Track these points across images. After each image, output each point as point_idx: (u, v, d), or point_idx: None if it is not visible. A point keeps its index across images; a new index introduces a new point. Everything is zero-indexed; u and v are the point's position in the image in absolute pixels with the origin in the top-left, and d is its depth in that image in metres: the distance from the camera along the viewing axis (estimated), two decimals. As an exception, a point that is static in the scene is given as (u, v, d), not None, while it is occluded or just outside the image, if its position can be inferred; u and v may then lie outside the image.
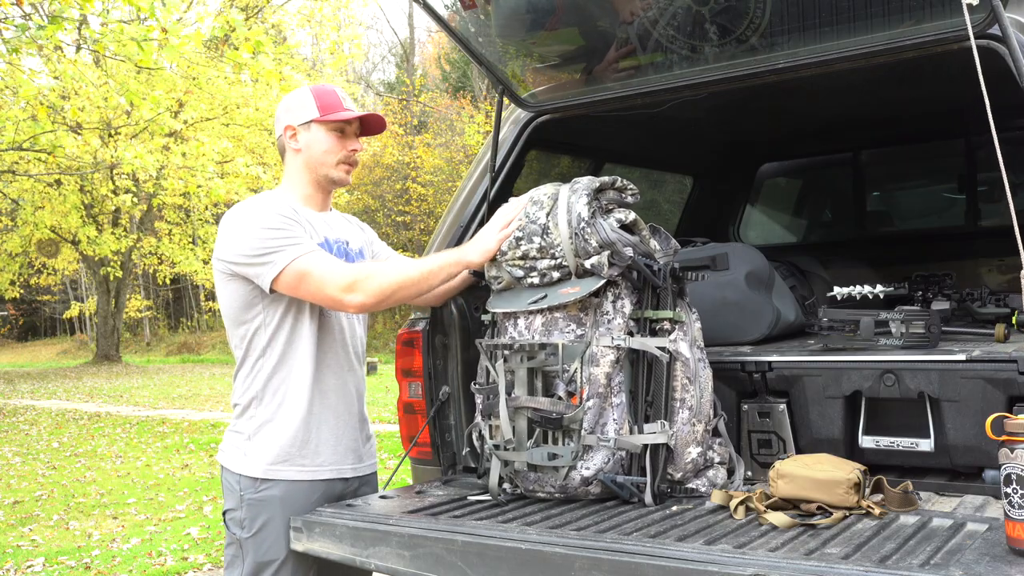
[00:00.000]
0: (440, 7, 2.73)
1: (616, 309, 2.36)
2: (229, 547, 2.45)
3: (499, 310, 2.47)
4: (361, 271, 2.36)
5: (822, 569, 1.69)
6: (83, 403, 15.89)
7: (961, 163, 4.23)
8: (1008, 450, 1.74)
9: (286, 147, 2.52)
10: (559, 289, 2.36)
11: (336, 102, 2.49)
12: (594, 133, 3.62)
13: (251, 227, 2.34)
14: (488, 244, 2.44)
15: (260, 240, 2.32)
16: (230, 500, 2.44)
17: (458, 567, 2.04)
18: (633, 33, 2.71)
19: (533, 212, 2.42)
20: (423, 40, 35.44)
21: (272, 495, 2.39)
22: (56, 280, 31.56)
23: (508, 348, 2.39)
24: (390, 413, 11.38)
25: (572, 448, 2.29)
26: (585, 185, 2.38)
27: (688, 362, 2.36)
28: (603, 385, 2.31)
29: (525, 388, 2.35)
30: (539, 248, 2.37)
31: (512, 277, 2.44)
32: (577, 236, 2.31)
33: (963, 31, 2.19)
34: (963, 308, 3.14)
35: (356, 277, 2.32)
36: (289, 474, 2.40)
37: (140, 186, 18.54)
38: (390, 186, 27.75)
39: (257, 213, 2.37)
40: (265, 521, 2.38)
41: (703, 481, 2.39)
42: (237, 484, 2.41)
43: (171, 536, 6.16)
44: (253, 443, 2.41)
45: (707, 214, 4.62)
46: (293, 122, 2.49)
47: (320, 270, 2.31)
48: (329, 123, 2.47)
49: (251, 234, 2.33)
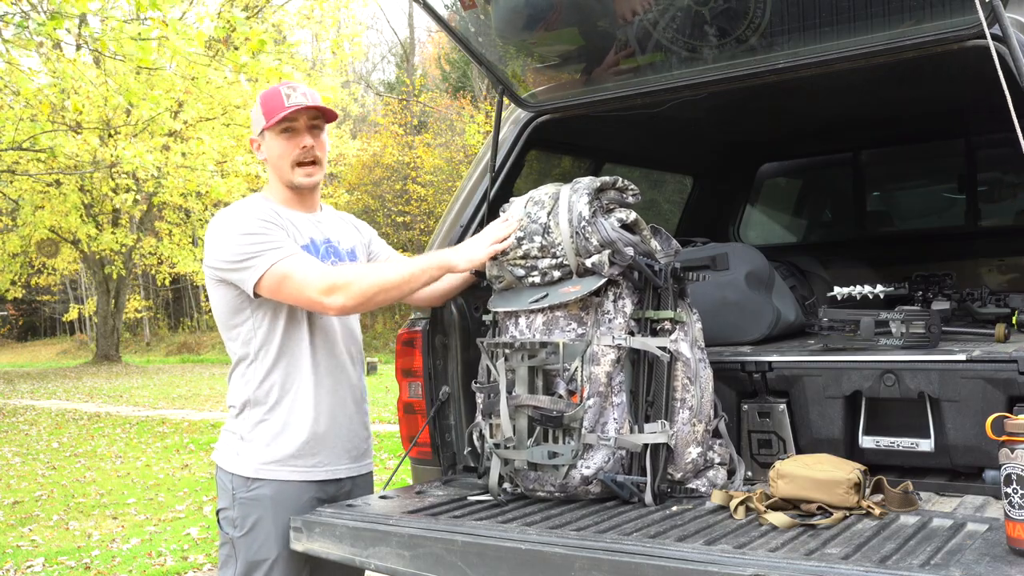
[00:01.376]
0: (440, 7, 2.73)
1: (617, 308, 2.36)
2: (223, 547, 2.46)
3: (500, 309, 2.47)
4: (341, 274, 2.35)
5: (822, 569, 1.69)
6: (83, 403, 15.89)
7: (961, 163, 4.23)
8: (1008, 450, 1.74)
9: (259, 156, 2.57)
10: (560, 288, 2.36)
11: (278, 103, 2.42)
12: (594, 133, 3.62)
13: (232, 233, 2.36)
14: (476, 253, 2.44)
15: (240, 246, 2.33)
16: (223, 499, 2.45)
17: (458, 567, 2.04)
18: (633, 33, 2.71)
19: (534, 211, 2.42)
20: (423, 40, 35.46)
21: (263, 494, 2.39)
22: (56, 280, 31.56)
23: (509, 347, 2.39)
24: (390, 413, 11.38)
25: (572, 447, 2.29)
26: (586, 185, 2.38)
27: (689, 362, 2.36)
28: (604, 384, 2.31)
29: (526, 386, 2.35)
30: (540, 247, 2.38)
31: (513, 276, 2.44)
32: (578, 235, 2.32)
33: (963, 31, 2.19)
34: (963, 308, 3.14)
35: (336, 280, 2.32)
36: (281, 474, 2.41)
37: (140, 185, 18.53)
38: (390, 186, 27.74)
39: (238, 219, 2.38)
40: (256, 520, 2.39)
41: (703, 481, 2.39)
42: (230, 483, 2.42)
43: (171, 536, 6.16)
44: (246, 443, 2.43)
45: (707, 214, 4.62)
46: (255, 134, 2.53)
47: (300, 273, 2.31)
48: (275, 127, 2.44)
49: (232, 240, 2.35)
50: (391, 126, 28.58)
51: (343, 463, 2.52)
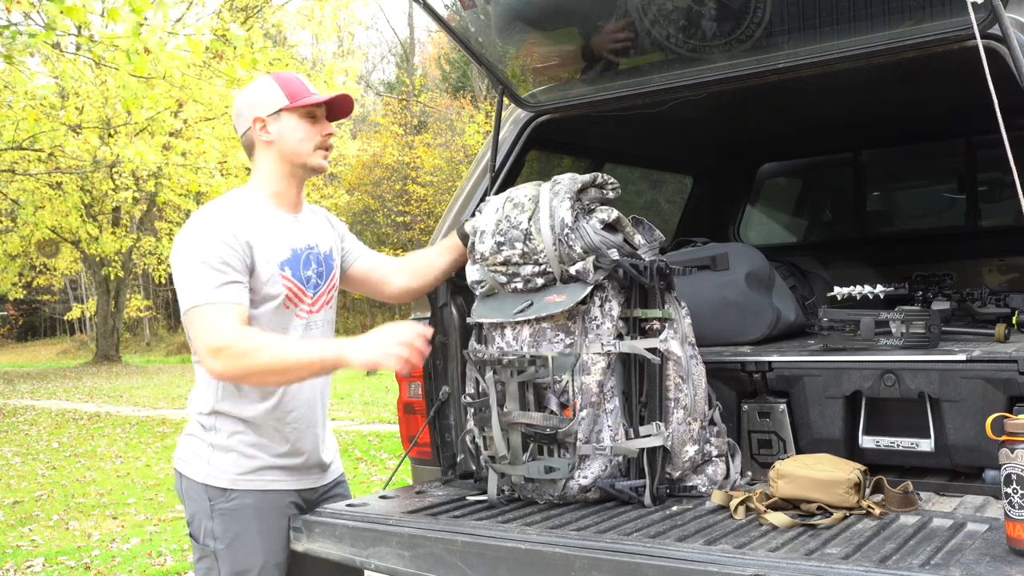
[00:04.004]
0: (440, 7, 2.73)
1: (604, 312, 2.31)
2: (202, 560, 2.34)
3: (485, 320, 2.41)
4: (239, 340, 2.17)
5: (822, 569, 1.69)
6: (83, 403, 15.89)
7: (961, 163, 4.23)
8: (1008, 450, 1.74)
9: (255, 141, 2.39)
10: (545, 297, 2.30)
11: (303, 88, 2.39)
12: (594, 133, 3.61)
13: (191, 254, 2.24)
14: (372, 355, 2.19)
15: (191, 270, 2.22)
16: (197, 511, 2.34)
17: (458, 567, 2.04)
18: (633, 33, 2.71)
19: (514, 215, 2.35)
20: (423, 40, 35.48)
21: (245, 504, 2.32)
22: (57, 280, 31.56)
23: (498, 363, 2.34)
24: (390, 413, 11.37)
25: (568, 460, 2.26)
26: (567, 187, 2.32)
27: (680, 360, 2.32)
28: (596, 394, 2.27)
29: (517, 402, 2.31)
30: (521, 254, 2.32)
31: (495, 282, 2.40)
32: (561, 243, 2.26)
33: (963, 31, 2.19)
34: (963, 308, 3.13)
35: (229, 344, 2.15)
36: (260, 484, 2.33)
37: (140, 184, 18.53)
38: (390, 186, 27.76)
39: (200, 239, 2.24)
40: (239, 531, 2.31)
41: (703, 479, 2.38)
42: (204, 494, 2.32)
43: (171, 536, 6.16)
44: (219, 453, 2.33)
45: (707, 214, 4.62)
46: (261, 113, 2.36)
47: (205, 324, 2.18)
48: (300, 109, 2.36)
49: (188, 260, 2.24)
50: (391, 126, 28.61)
51: (316, 465, 2.46)
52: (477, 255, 2.44)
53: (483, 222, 2.43)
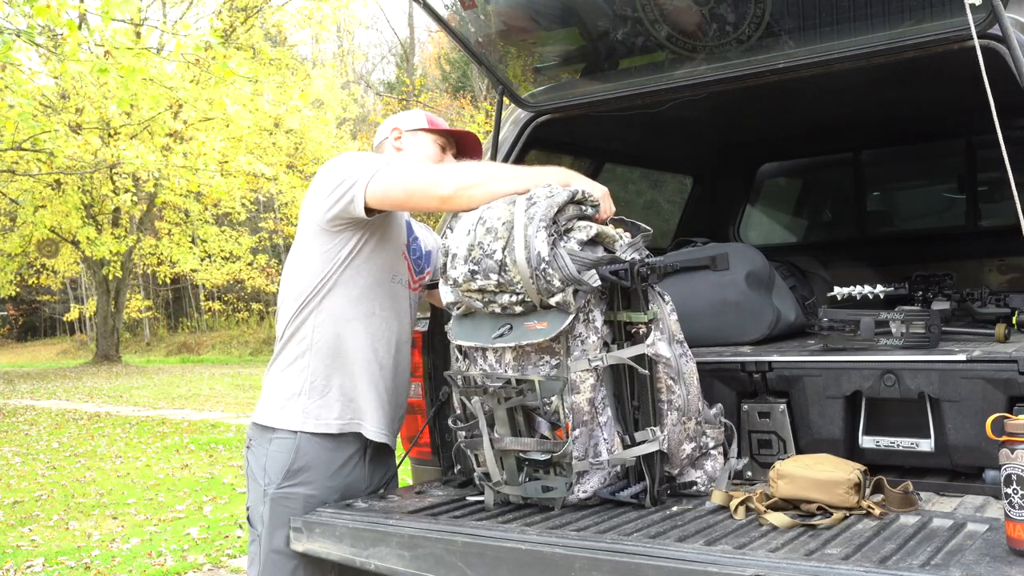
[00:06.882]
0: (440, 7, 2.73)
1: (588, 326, 2.21)
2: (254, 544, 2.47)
3: (463, 343, 2.33)
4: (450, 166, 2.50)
5: (822, 570, 1.69)
6: (83, 403, 15.88)
7: (961, 163, 4.24)
8: (1008, 450, 1.74)
9: (386, 146, 2.66)
10: (525, 322, 2.20)
11: (443, 123, 2.72)
12: (594, 133, 3.62)
13: (349, 160, 2.43)
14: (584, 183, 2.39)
15: (356, 163, 2.40)
16: (281, 460, 2.42)
17: (458, 567, 2.04)
18: (633, 33, 2.71)
19: (487, 242, 2.20)
20: (423, 40, 35.45)
21: (347, 441, 2.48)
22: (57, 281, 31.54)
23: (483, 391, 2.28)
24: (390, 413, 11.35)
25: (565, 480, 2.23)
26: (543, 214, 2.14)
27: (670, 361, 2.27)
28: (587, 412, 2.21)
29: (507, 428, 2.26)
30: (497, 284, 2.19)
31: (470, 306, 2.30)
32: (538, 277, 2.12)
33: (963, 31, 2.19)
34: (963, 308, 3.13)
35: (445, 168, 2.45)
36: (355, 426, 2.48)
37: (140, 186, 18.53)
38: (390, 186, 27.70)
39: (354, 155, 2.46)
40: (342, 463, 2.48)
41: (701, 475, 2.38)
42: (294, 439, 2.42)
43: (171, 536, 6.16)
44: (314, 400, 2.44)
45: (707, 214, 4.62)
46: (401, 126, 2.66)
47: (402, 170, 2.39)
48: (436, 133, 2.66)
49: (348, 161, 2.43)
50: (391, 126, 28.55)
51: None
52: (450, 280, 2.31)
53: (454, 244, 2.29)
